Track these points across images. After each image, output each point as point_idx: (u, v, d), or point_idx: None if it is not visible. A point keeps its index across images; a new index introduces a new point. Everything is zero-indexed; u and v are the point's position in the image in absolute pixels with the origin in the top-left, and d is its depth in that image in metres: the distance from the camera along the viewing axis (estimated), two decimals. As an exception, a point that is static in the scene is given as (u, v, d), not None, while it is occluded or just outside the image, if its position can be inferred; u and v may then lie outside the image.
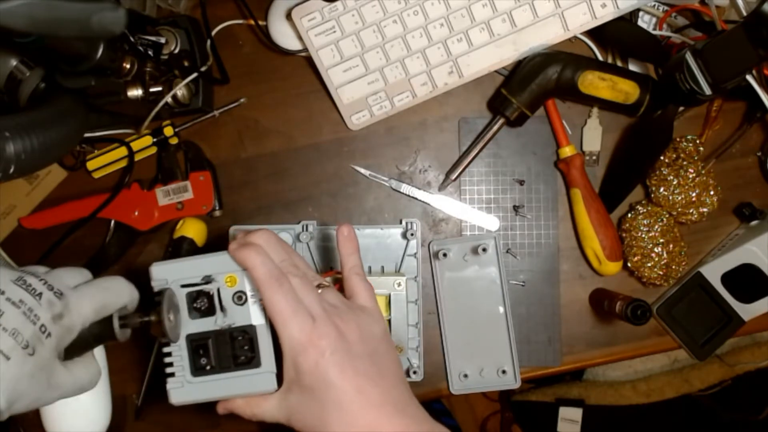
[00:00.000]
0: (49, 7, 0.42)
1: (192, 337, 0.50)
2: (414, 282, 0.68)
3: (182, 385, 0.50)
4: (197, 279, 0.50)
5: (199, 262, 0.51)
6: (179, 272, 0.50)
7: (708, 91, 0.58)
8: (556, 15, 0.65)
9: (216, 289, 0.50)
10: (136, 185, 0.69)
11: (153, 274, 0.50)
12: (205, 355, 0.49)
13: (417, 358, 0.68)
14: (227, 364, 0.50)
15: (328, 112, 0.71)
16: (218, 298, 0.50)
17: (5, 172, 0.46)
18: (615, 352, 0.71)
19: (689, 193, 0.67)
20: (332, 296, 0.48)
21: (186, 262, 0.51)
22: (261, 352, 0.49)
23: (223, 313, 0.50)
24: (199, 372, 0.50)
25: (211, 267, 0.50)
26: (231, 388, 0.50)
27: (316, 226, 0.69)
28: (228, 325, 0.50)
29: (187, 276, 0.50)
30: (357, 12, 0.66)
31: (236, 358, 0.50)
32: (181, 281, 0.50)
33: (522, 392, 1.31)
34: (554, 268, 0.70)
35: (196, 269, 0.51)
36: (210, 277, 0.50)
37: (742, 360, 1.16)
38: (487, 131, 0.68)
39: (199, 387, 0.50)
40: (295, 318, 0.43)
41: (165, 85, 0.66)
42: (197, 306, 0.50)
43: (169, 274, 0.50)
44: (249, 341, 0.49)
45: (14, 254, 0.69)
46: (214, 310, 0.50)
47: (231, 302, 0.50)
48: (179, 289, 0.50)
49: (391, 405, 0.44)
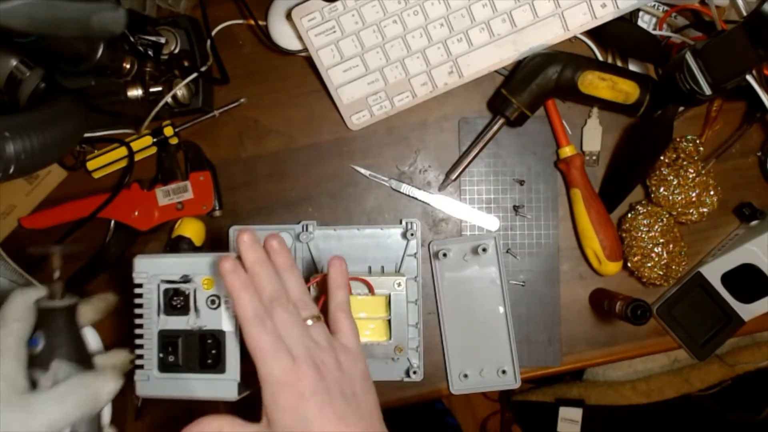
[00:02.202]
0: (49, 7, 0.42)
1: (164, 333, 0.50)
2: (414, 282, 0.68)
3: (148, 378, 0.50)
4: (176, 277, 0.51)
5: (180, 261, 0.51)
6: (160, 267, 0.51)
7: (708, 91, 0.58)
8: (556, 15, 0.65)
9: (193, 289, 0.50)
10: (136, 185, 0.69)
11: (135, 266, 0.51)
12: (174, 353, 0.50)
13: (417, 358, 0.68)
14: (193, 365, 0.50)
15: (328, 112, 0.71)
16: (194, 298, 0.50)
17: (5, 172, 0.46)
18: (615, 352, 0.71)
19: (689, 193, 0.67)
20: (318, 332, 0.47)
21: (168, 258, 0.52)
22: (227, 359, 0.50)
23: (197, 314, 0.50)
24: (166, 369, 0.50)
25: (191, 267, 0.51)
26: (194, 389, 0.50)
27: (316, 226, 0.69)
28: (199, 326, 0.50)
29: (168, 272, 0.51)
30: (357, 12, 0.66)
31: (203, 360, 0.50)
32: (161, 277, 0.51)
33: (522, 392, 1.31)
34: (554, 268, 0.70)
35: (176, 267, 0.51)
36: (188, 277, 0.51)
37: (742, 360, 1.16)
38: (487, 131, 0.68)
39: (163, 383, 0.51)
40: (275, 358, 0.43)
41: (165, 85, 0.66)
42: (174, 304, 0.50)
43: (150, 267, 0.51)
44: (217, 345, 0.50)
45: (14, 254, 0.69)
46: (189, 310, 0.50)
47: (205, 305, 0.50)
48: (160, 285, 0.51)
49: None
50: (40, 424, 0.41)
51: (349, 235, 0.69)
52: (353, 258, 0.69)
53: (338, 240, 0.69)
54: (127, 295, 0.71)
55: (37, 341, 0.44)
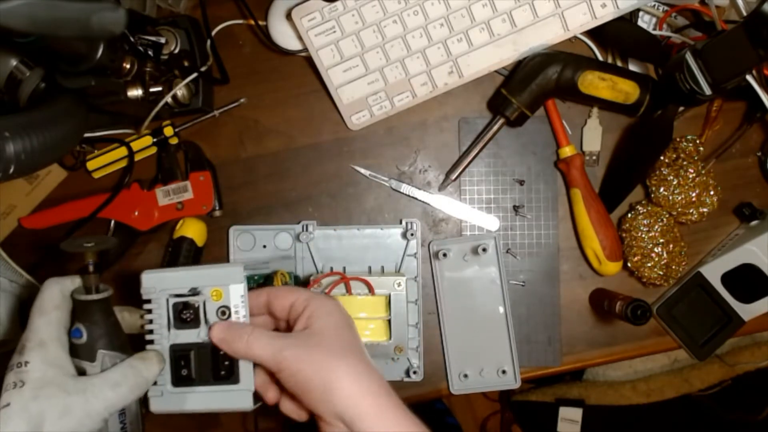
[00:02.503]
0: (49, 7, 0.42)
1: (175, 347, 0.50)
2: (414, 282, 0.68)
3: (162, 394, 0.50)
4: (185, 290, 0.51)
5: (187, 274, 0.51)
6: (168, 282, 0.51)
7: (708, 91, 0.58)
8: (556, 15, 0.65)
9: (202, 301, 0.50)
10: (136, 185, 0.69)
11: (143, 282, 0.51)
12: (186, 366, 0.50)
13: (417, 358, 0.68)
14: (207, 377, 0.50)
15: (328, 112, 0.71)
16: (203, 310, 0.50)
17: (5, 172, 0.46)
18: (615, 352, 0.71)
19: (689, 193, 0.67)
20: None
21: (175, 273, 0.51)
22: (241, 369, 0.50)
23: (207, 326, 0.50)
24: (180, 383, 0.50)
25: (199, 280, 0.50)
26: (208, 401, 0.50)
27: (316, 226, 0.69)
28: (211, 338, 0.50)
29: (175, 286, 0.51)
30: (357, 12, 0.66)
31: (216, 372, 0.50)
32: (170, 291, 0.51)
33: (522, 392, 1.30)
34: (554, 268, 0.70)
35: (184, 281, 0.51)
36: (197, 290, 0.50)
37: (742, 360, 1.16)
38: (487, 131, 0.68)
39: (178, 397, 0.50)
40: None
41: (165, 85, 0.65)
42: (183, 317, 0.50)
43: (158, 283, 0.51)
44: (229, 357, 0.49)
45: (14, 254, 0.69)
46: (199, 322, 0.50)
47: (215, 316, 0.50)
48: (169, 299, 0.50)
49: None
50: (99, 407, 0.42)
51: (349, 235, 0.69)
52: (353, 258, 0.69)
53: (338, 240, 0.69)
54: (128, 294, 0.71)
55: (80, 332, 0.46)
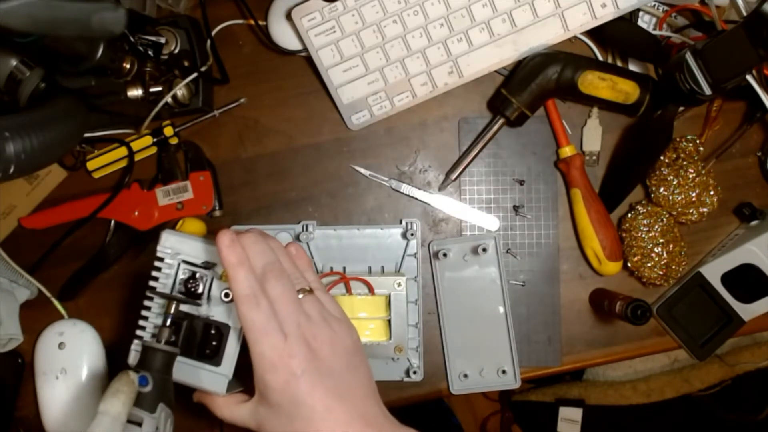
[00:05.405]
0: (49, 7, 0.42)
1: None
2: (414, 282, 0.68)
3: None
4: (198, 261, 0.51)
5: (206, 247, 0.51)
6: (186, 247, 0.51)
7: (708, 91, 0.58)
8: (556, 15, 0.65)
9: (211, 278, 0.51)
10: (136, 185, 0.69)
11: (162, 240, 0.51)
12: (176, 333, 0.50)
13: (417, 358, 0.68)
14: (191, 351, 0.51)
15: (328, 112, 0.71)
16: (209, 287, 0.50)
17: (5, 172, 0.46)
18: (615, 352, 0.71)
19: (689, 193, 0.67)
20: (311, 306, 0.47)
21: (195, 241, 0.52)
22: (225, 354, 0.50)
23: (208, 303, 0.50)
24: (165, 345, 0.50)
25: (215, 255, 0.50)
26: (185, 373, 0.51)
27: (316, 226, 0.69)
28: (207, 315, 0.50)
29: (192, 254, 0.51)
30: (357, 12, 0.66)
31: (201, 348, 0.51)
32: (184, 257, 0.51)
33: (522, 392, 1.31)
34: (554, 268, 0.70)
35: (201, 251, 0.51)
36: (210, 264, 0.51)
37: (742, 360, 1.16)
38: (487, 131, 0.68)
39: None
40: (266, 336, 0.44)
41: (165, 85, 0.66)
42: (189, 287, 0.50)
43: (176, 244, 0.51)
44: (219, 338, 0.50)
45: (14, 254, 0.69)
46: (201, 297, 0.50)
47: (218, 295, 0.50)
48: (181, 264, 0.51)
49: (359, 420, 0.44)
50: None
51: (349, 235, 0.69)
52: (353, 258, 0.69)
53: (338, 240, 0.69)
54: (128, 295, 0.71)
55: (146, 381, 0.46)
